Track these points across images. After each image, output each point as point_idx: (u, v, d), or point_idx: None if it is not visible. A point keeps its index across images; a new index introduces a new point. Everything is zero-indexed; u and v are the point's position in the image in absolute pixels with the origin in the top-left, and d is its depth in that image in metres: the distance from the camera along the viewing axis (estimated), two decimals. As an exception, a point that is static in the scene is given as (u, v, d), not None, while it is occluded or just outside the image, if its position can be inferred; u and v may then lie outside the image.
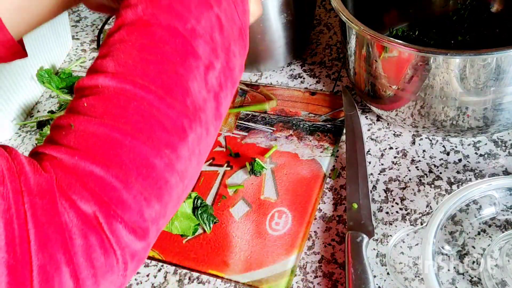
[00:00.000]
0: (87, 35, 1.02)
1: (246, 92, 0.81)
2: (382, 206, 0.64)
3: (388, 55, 0.59)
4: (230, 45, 0.43)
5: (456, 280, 0.56)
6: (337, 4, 0.62)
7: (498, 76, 0.54)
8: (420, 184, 0.65)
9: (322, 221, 0.64)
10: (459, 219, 0.60)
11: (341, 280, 0.59)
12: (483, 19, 0.76)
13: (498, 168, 0.64)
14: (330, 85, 0.80)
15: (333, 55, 0.85)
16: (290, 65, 0.84)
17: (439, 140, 0.69)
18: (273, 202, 0.67)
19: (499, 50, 0.51)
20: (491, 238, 0.58)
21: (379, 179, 0.66)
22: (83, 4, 0.58)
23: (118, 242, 0.34)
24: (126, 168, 0.35)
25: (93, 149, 0.35)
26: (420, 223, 0.61)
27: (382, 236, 0.61)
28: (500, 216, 0.59)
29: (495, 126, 0.61)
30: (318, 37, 0.88)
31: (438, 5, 0.80)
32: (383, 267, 0.58)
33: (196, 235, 0.65)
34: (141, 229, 0.36)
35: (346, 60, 0.69)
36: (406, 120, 0.64)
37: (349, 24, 0.60)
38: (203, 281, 0.62)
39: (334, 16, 0.92)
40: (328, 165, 0.69)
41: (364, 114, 0.74)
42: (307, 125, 0.74)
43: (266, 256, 0.62)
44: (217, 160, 0.73)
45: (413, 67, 0.57)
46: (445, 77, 0.56)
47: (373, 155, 0.69)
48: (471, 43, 0.74)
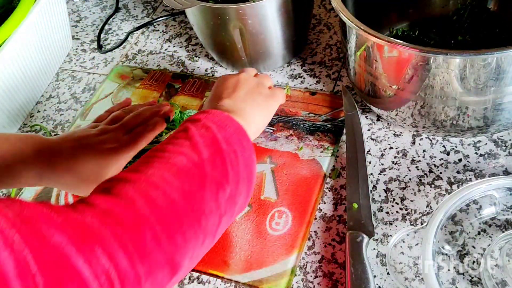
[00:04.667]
0: (87, 35, 1.02)
1: (246, 92, 0.81)
2: (382, 206, 0.64)
3: (388, 55, 0.58)
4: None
5: (456, 280, 0.56)
6: (337, 4, 0.62)
7: (498, 76, 0.54)
8: (420, 184, 0.65)
9: (322, 221, 0.64)
10: (459, 219, 0.60)
11: (341, 280, 0.59)
12: (483, 19, 0.76)
13: (498, 168, 0.64)
14: (330, 85, 0.80)
15: (333, 55, 0.85)
16: (290, 65, 0.85)
17: (439, 140, 0.69)
18: (273, 202, 0.67)
19: (499, 50, 0.51)
20: (491, 238, 0.58)
21: (379, 179, 0.66)
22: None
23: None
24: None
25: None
26: (420, 223, 0.61)
27: (382, 236, 0.61)
28: (500, 216, 0.59)
29: (495, 126, 0.61)
30: (318, 37, 0.88)
31: (438, 5, 0.80)
32: (383, 267, 0.58)
33: (196, 235, 0.65)
34: None
35: (346, 60, 0.69)
36: (406, 120, 0.64)
37: (349, 24, 0.60)
38: (203, 281, 0.62)
39: (334, 16, 0.92)
40: (328, 165, 0.69)
41: (364, 114, 0.74)
42: (307, 125, 0.74)
43: (266, 256, 0.62)
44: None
45: (413, 67, 0.57)
46: (445, 77, 0.56)
47: (373, 155, 0.69)
48: (471, 43, 0.74)
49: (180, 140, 0.47)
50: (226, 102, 0.56)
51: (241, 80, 0.60)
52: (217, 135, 0.48)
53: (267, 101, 0.61)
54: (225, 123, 0.50)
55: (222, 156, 0.47)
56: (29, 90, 0.87)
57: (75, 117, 0.85)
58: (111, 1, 1.09)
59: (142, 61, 0.93)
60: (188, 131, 0.48)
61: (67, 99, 0.89)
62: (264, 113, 0.60)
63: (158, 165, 0.44)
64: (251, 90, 0.60)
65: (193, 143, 0.46)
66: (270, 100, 0.61)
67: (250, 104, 0.57)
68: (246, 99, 0.58)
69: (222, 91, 0.58)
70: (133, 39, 0.98)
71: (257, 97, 0.59)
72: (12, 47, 0.79)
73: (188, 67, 0.89)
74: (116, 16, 1.04)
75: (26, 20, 0.80)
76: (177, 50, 0.93)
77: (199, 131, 0.48)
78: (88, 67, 0.95)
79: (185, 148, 0.46)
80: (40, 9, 0.83)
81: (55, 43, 0.92)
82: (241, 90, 0.59)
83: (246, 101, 0.58)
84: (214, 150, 0.47)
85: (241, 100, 0.57)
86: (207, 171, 0.45)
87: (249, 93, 0.59)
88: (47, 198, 0.74)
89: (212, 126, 0.49)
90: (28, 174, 0.58)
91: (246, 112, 0.56)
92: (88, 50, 0.99)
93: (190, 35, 0.96)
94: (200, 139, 0.47)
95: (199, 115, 0.51)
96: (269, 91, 0.62)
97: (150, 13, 1.04)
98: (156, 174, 0.43)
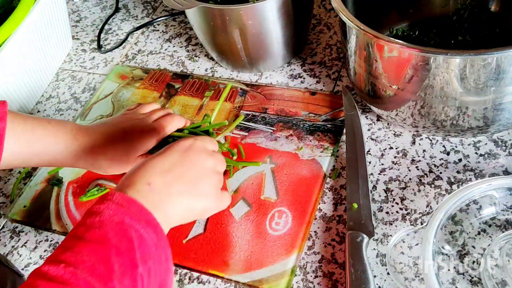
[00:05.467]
0: (87, 35, 1.02)
1: (246, 92, 0.81)
2: (382, 206, 0.64)
3: (388, 55, 0.58)
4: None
5: (456, 280, 0.56)
6: (337, 4, 0.62)
7: (498, 76, 0.54)
8: (420, 184, 0.65)
9: (322, 221, 0.64)
10: (459, 219, 0.60)
11: (341, 280, 0.59)
12: (483, 19, 0.76)
13: (498, 168, 0.64)
14: (330, 85, 0.80)
15: (333, 55, 0.85)
16: (290, 65, 0.85)
17: (439, 140, 0.69)
18: (273, 202, 0.67)
19: (499, 50, 0.51)
20: (491, 238, 0.58)
21: (379, 179, 0.66)
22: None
23: None
24: None
25: None
26: (420, 223, 0.61)
27: (382, 236, 0.61)
28: (500, 216, 0.59)
29: (495, 126, 0.61)
30: (318, 37, 0.88)
31: (438, 5, 0.80)
32: (383, 267, 0.58)
33: (196, 235, 0.65)
34: None
35: (346, 60, 0.69)
36: (406, 120, 0.64)
37: (349, 24, 0.60)
38: (203, 281, 0.62)
39: (334, 16, 0.92)
40: (328, 165, 0.69)
41: (364, 114, 0.74)
42: (307, 125, 0.74)
43: (266, 256, 0.62)
44: (217, 160, 0.72)
45: (413, 67, 0.57)
46: (445, 77, 0.56)
47: (373, 155, 0.69)
48: (471, 43, 0.74)
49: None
50: (156, 183, 0.49)
51: (190, 154, 0.53)
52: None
53: (208, 199, 0.53)
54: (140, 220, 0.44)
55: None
56: (29, 90, 0.87)
57: (75, 117, 0.85)
58: (111, 1, 1.09)
59: (142, 61, 0.93)
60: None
61: (67, 99, 0.89)
62: (196, 212, 0.53)
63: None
64: (198, 173, 0.52)
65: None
66: (213, 202, 0.54)
67: (184, 194, 0.51)
68: (183, 187, 0.51)
69: (159, 162, 0.51)
70: (133, 39, 0.98)
71: (201, 186, 0.52)
72: (12, 47, 0.79)
73: (188, 67, 0.89)
74: (116, 16, 1.04)
75: (26, 20, 0.80)
76: (177, 50, 0.93)
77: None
78: (88, 67, 0.95)
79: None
80: (40, 9, 0.83)
81: (55, 43, 0.92)
82: (184, 170, 0.51)
83: (182, 188, 0.51)
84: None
85: (175, 185, 0.50)
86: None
87: (193, 178, 0.52)
88: (47, 198, 0.74)
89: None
90: (66, 156, 0.62)
91: (172, 205, 0.49)
92: (88, 50, 0.99)
93: (190, 35, 0.96)
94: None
95: (105, 205, 0.45)
96: (218, 183, 0.55)
97: (150, 13, 1.04)
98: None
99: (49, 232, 0.70)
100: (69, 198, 0.73)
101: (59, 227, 0.70)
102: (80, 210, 0.71)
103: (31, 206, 0.73)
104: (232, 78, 0.85)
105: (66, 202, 0.73)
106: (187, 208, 0.51)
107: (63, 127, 0.63)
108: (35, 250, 0.69)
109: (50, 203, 0.73)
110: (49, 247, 0.69)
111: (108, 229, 0.43)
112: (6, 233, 0.72)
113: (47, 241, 0.70)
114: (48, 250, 0.69)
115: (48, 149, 0.61)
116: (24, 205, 0.74)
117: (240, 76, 0.85)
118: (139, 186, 0.48)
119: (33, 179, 0.77)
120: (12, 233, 0.72)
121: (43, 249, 0.69)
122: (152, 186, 0.48)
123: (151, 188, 0.48)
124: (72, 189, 0.74)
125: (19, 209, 0.73)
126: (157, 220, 0.46)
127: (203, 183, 0.53)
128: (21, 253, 0.69)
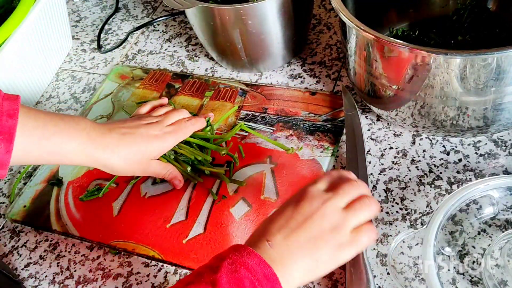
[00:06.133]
0: (87, 35, 1.02)
1: (246, 92, 0.81)
2: (382, 206, 0.64)
3: (388, 55, 0.59)
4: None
5: (457, 280, 0.56)
6: (337, 4, 0.62)
7: (498, 76, 0.54)
8: (420, 184, 0.65)
9: (322, 221, 0.64)
10: (459, 219, 0.60)
11: (341, 280, 0.59)
12: (483, 19, 0.76)
13: (498, 168, 0.64)
14: (330, 85, 0.80)
15: (333, 55, 0.85)
16: (290, 65, 0.85)
17: (439, 140, 0.69)
18: (273, 202, 0.67)
19: (499, 50, 0.51)
20: (491, 238, 0.58)
21: (379, 179, 0.66)
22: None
23: None
24: None
25: None
26: (420, 223, 0.61)
27: (382, 236, 0.61)
28: (500, 216, 0.59)
29: (495, 126, 0.61)
30: (318, 37, 0.89)
31: (438, 5, 0.80)
32: (383, 267, 0.58)
33: (196, 235, 0.65)
34: None
35: (346, 60, 0.69)
36: (406, 120, 0.65)
37: (349, 24, 0.60)
38: (203, 281, 0.62)
39: (334, 16, 0.92)
40: (328, 165, 0.69)
41: (364, 114, 0.74)
42: (307, 125, 0.74)
43: (266, 256, 0.62)
44: (217, 160, 0.72)
45: (413, 67, 0.57)
46: (445, 77, 0.56)
47: (373, 155, 0.69)
48: (471, 43, 0.74)
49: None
50: (276, 240, 0.47)
51: (319, 210, 0.48)
52: None
53: (337, 255, 0.48)
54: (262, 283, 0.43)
55: None
56: (29, 90, 0.88)
57: (75, 117, 0.85)
58: (111, 1, 1.09)
59: (142, 61, 0.93)
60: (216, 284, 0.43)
61: (67, 99, 0.89)
62: (319, 270, 0.48)
63: None
64: (322, 233, 0.47)
65: None
66: (342, 253, 0.48)
67: (308, 256, 0.47)
68: (306, 246, 0.47)
69: (282, 216, 0.49)
70: (133, 39, 0.98)
71: (323, 246, 0.47)
72: (12, 47, 0.79)
73: (188, 67, 0.89)
74: (116, 16, 1.04)
75: (26, 20, 0.80)
76: (177, 50, 0.93)
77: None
78: (88, 67, 0.95)
79: None
80: (40, 9, 0.83)
81: (55, 43, 0.92)
82: (308, 228, 0.48)
83: (305, 249, 0.47)
84: None
85: (298, 245, 0.47)
86: None
87: (318, 237, 0.47)
88: (47, 198, 0.74)
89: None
90: (78, 154, 0.61)
91: (294, 268, 0.46)
92: (88, 50, 0.99)
93: (190, 35, 0.96)
94: None
95: (235, 258, 0.45)
96: (348, 237, 0.48)
97: (150, 13, 1.04)
98: None
99: (49, 232, 0.70)
100: (69, 198, 0.73)
101: (59, 227, 0.70)
102: (80, 210, 0.71)
103: (31, 206, 0.73)
104: (232, 78, 0.85)
105: (66, 202, 0.73)
106: (310, 261, 0.47)
107: (76, 125, 0.61)
108: (35, 250, 0.69)
109: (50, 203, 0.73)
110: (49, 247, 0.69)
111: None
112: (6, 233, 0.72)
113: (47, 241, 0.70)
114: (48, 250, 0.69)
115: (60, 147, 0.60)
116: (24, 205, 0.74)
117: (240, 76, 0.85)
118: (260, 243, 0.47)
119: (33, 179, 0.77)
120: (12, 233, 0.72)
121: (43, 249, 0.69)
122: (271, 243, 0.47)
123: (270, 244, 0.47)
124: (72, 189, 0.74)
125: (19, 209, 0.73)
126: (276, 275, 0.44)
127: (321, 232, 0.47)
128: (21, 253, 0.69)
